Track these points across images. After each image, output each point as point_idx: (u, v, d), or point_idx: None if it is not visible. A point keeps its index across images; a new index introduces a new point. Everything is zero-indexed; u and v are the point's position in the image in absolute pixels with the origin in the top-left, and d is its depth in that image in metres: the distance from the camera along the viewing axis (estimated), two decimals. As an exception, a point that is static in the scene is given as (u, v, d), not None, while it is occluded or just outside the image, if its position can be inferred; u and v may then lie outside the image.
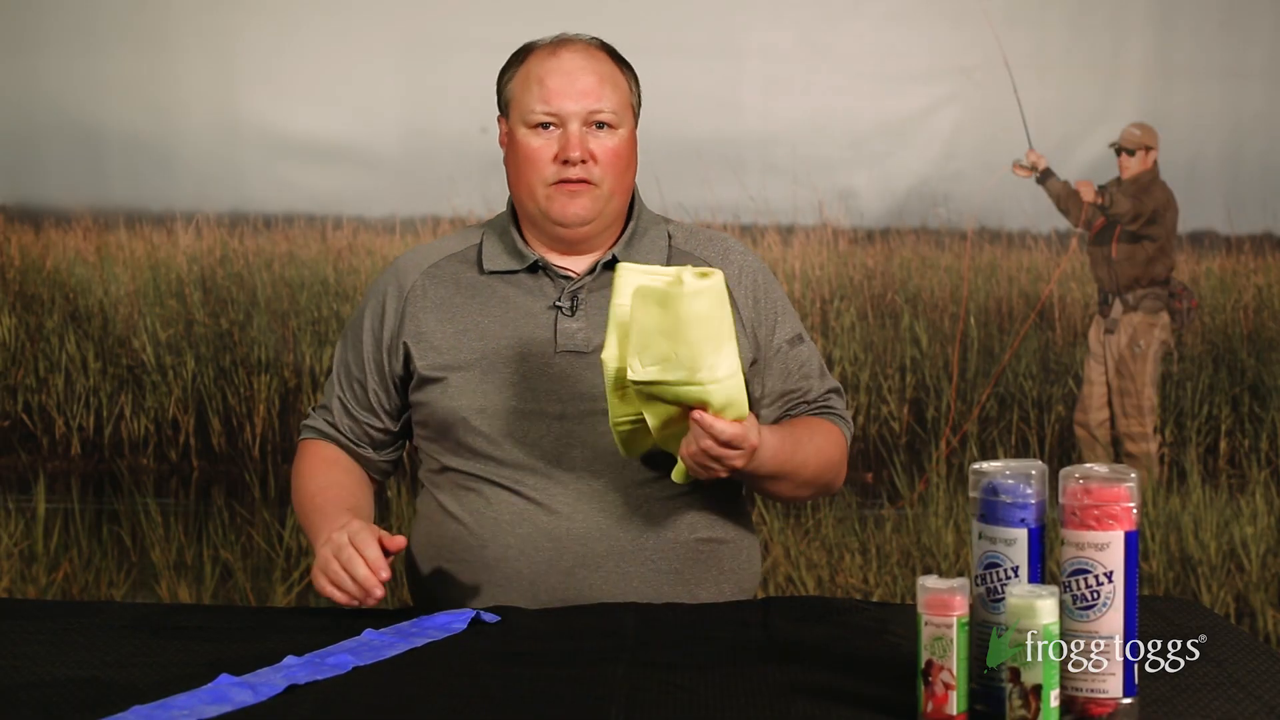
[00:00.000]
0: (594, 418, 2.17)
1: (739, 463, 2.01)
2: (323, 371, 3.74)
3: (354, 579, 2.01)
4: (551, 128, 2.21)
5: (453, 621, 1.99)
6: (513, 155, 2.25)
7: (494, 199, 3.70)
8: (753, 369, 2.27)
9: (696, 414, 1.95)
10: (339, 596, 2.02)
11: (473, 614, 2.01)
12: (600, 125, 2.21)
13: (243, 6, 3.69)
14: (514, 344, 2.21)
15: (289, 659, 1.79)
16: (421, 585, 2.28)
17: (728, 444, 1.97)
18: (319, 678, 1.74)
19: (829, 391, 2.32)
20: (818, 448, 2.23)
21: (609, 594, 2.15)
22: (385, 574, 2.01)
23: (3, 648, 1.87)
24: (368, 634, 1.91)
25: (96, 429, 3.76)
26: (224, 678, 1.71)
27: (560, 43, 2.25)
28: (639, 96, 2.29)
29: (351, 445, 2.32)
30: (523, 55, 2.26)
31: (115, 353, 3.75)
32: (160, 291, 3.74)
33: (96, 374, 3.75)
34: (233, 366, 3.75)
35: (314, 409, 2.38)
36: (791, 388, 2.29)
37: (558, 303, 2.23)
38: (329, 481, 2.27)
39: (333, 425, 2.32)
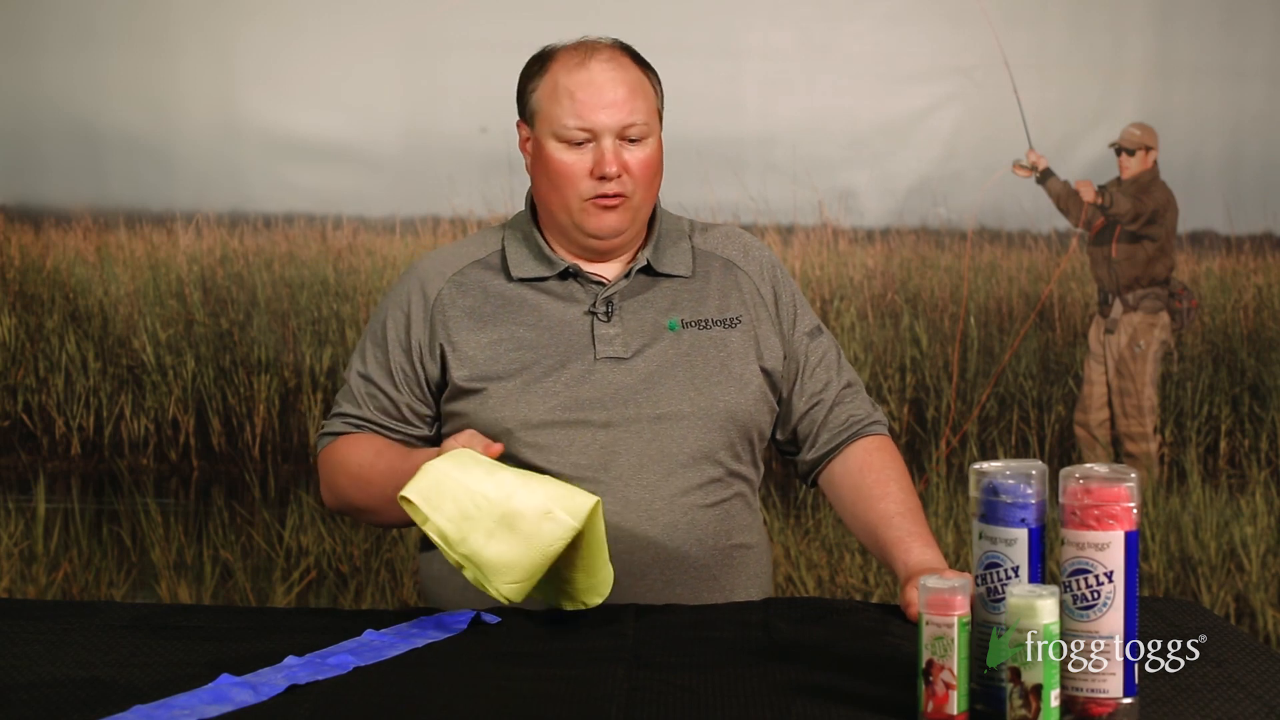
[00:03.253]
0: (638, 425, 2.16)
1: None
2: (323, 372, 3.74)
3: None
4: (585, 143, 2.18)
5: (453, 622, 1.99)
6: (543, 168, 2.21)
7: (494, 199, 3.69)
8: (784, 365, 2.27)
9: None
10: None
11: (472, 614, 2.01)
12: (632, 138, 2.19)
13: (243, 7, 3.69)
14: (553, 353, 2.19)
15: (289, 659, 1.79)
16: (443, 593, 2.24)
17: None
18: (319, 678, 1.74)
19: (845, 387, 2.30)
20: (907, 485, 2.23)
21: (654, 600, 2.15)
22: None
23: (3, 648, 1.87)
24: (368, 634, 1.91)
25: (96, 429, 3.76)
26: (224, 678, 1.71)
27: (587, 51, 2.21)
28: (662, 99, 2.27)
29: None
30: (546, 62, 2.22)
31: (115, 353, 3.75)
32: (160, 291, 3.74)
33: (96, 374, 3.75)
34: (233, 366, 3.75)
35: (330, 417, 2.30)
36: (812, 384, 2.28)
37: (593, 308, 2.22)
38: (377, 447, 2.21)
39: (358, 428, 2.26)
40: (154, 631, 1.95)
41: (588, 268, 2.25)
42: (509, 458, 2.15)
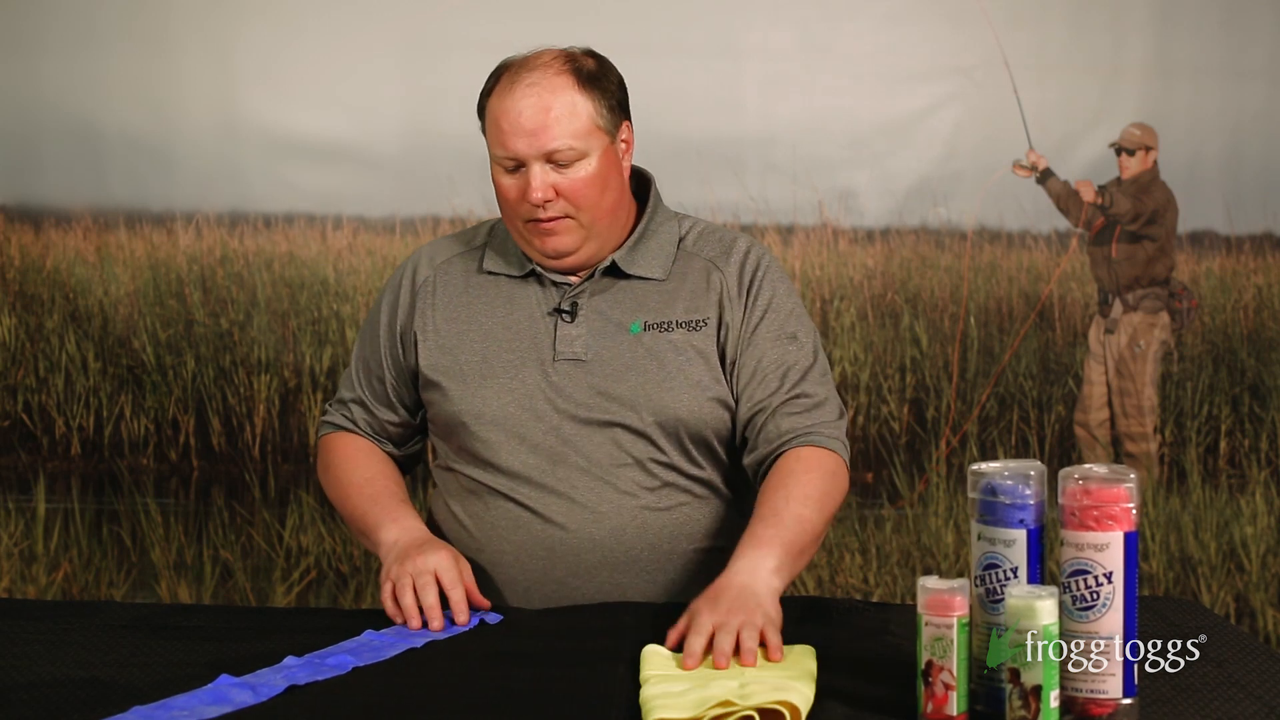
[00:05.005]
0: (591, 428, 2.16)
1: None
2: (323, 372, 3.74)
3: (422, 607, 1.99)
4: (517, 169, 2.16)
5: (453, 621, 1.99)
6: (495, 187, 2.22)
7: (493, 199, 3.68)
8: (740, 362, 2.20)
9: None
10: (398, 618, 1.99)
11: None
12: (561, 163, 2.14)
13: (243, 7, 3.69)
14: (513, 349, 2.20)
15: (289, 659, 1.79)
16: None
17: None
18: (319, 678, 1.74)
19: (795, 398, 2.16)
20: (817, 505, 2.08)
21: (603, 601, 2.14)
22: (462, 617, 2.00)
23: (3, 648, 1.87)
24: (368, 634, 1.91)
25: (96, 429, 3.76)
26: (224, 678, 1.71)
27: (519, 72, 2.16)
28: (617, 101, 2.19)
29: (371, 440, 2.32)
30: (493, 82, 2.20)
31: (115, 353, 3.75)
32: (160, 291, 3.74)
33: (96, 374, 3.75)
34: (233, 366, 3.75)
35: (330, 404, 2.37)
36: (760, 390, 2.18)
37: (560, 307, 2.22)
38: (374, 472, 2.27)
39: (351, 420, 2.32)
40: (154, 631, 1.95)
41: (556, 271, 2.24)
42: (463, 451, 2.20)
